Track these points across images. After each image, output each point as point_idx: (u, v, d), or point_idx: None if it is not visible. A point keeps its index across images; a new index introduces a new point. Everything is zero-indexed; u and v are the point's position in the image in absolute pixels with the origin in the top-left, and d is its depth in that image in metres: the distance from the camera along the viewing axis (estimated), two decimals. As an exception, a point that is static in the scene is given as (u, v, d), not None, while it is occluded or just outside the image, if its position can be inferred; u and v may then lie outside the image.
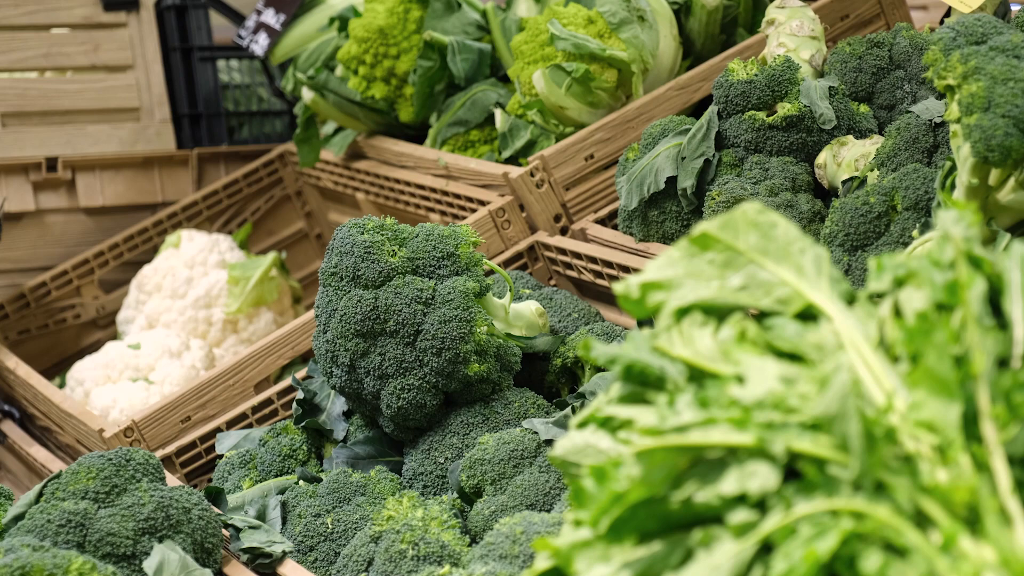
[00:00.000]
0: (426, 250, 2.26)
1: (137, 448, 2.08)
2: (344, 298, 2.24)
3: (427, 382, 2.22)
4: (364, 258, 2.23)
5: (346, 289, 2.24)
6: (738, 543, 1.03)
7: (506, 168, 2.85)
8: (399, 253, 2.26)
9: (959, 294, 1.06)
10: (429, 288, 2.22)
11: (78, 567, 1.67)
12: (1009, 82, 1.74)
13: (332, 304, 2.26)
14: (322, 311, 2.29)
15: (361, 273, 2.23)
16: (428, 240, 2.27)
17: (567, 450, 1.20)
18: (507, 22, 3.17)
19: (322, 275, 2.29)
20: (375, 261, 2.23)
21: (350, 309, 2.22)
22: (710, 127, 2.46)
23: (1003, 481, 1.00)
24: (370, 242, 2.24)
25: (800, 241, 1.16)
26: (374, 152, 3.37)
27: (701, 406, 1.06)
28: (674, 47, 2.91)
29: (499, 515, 2.02)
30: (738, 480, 1.03)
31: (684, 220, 2.49)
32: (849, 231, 2.15)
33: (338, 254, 2.26)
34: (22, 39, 3.52)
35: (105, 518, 1.86)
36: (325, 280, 2.28)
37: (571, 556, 1.10)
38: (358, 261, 2.23)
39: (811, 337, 1.10)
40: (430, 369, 2.20)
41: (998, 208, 1.87)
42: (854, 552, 0.99)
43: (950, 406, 1.03)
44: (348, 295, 2.23)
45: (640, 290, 1.16)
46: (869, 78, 2.50)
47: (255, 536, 2.10)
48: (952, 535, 0.98)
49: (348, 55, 3.27)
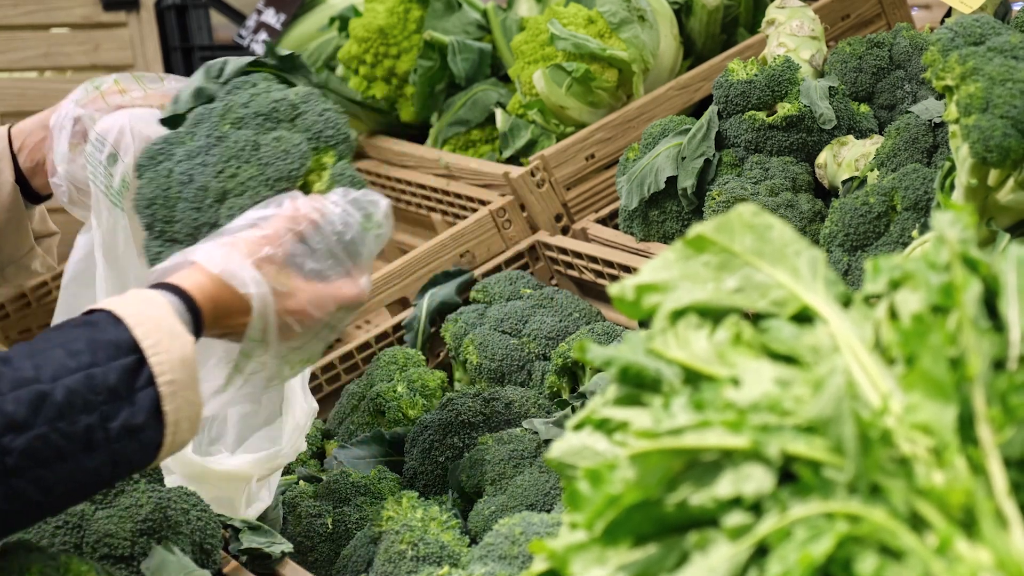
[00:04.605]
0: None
1: (136, 449, 2.07)
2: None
3: None
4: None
5: None
6: (733, 546, 1.02)
7: (507, 168, 2.85)
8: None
9: (955, 296, 1.06)
10: None
11: (76, 569, 1.67)
12: (1007, 83, 1.74)
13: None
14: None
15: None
16: None
17: (564, 452, 1.20)
18: (507, 22, 3.18)
19: None
20: None
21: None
22: (710, 127, 2.46)
23: (999, 483, 1.00)
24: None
25: (796, 243, 1.16)
26: (375, 152, 3.37)
27: (696, 408, 1.06)
28: (675, 47, 2.91)
29: (499, 515, 2.02)
30: (733, 483, 1.03)
31: (684, 220, 2.49)
32: (849, 231, 2.15)
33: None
34: (22, 39, 3.53)
35: (103, 519, 1.86)
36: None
37: (567, 558, 1.10)
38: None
39: (806, 339, 1.10)
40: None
41: (997, 208, 1.87)
42: (849, 555, 0.99)
43: (946, 408, 1.02)
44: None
45: (635, 292, 1.16)
46: (869, 78, 2.50)
47: (255, 536, 2.10)
48: (948, 537, 0.97)
49: (349, 55, 3.28)
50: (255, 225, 1.79)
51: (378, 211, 1.86)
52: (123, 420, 1.56)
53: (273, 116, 1.89)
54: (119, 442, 1.56)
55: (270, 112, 1.90)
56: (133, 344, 1.59)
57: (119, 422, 1.56)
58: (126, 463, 1.60)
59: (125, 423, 1.56)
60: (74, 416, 1.54)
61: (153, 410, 1.58)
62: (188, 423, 1.62)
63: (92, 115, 2.02)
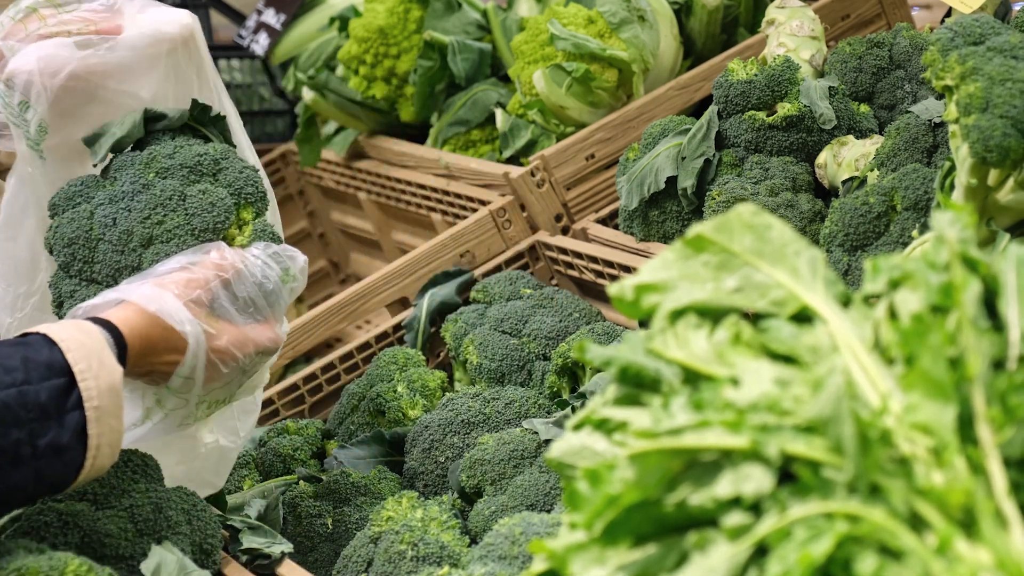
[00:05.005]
0: None
1: (135, 449, 2.07)
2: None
3: None
4: None
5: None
6: (733, 546, 1.02)
7: (507, 168, 2.85)
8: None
9: (954, 296, 1.06)
10: None
11: (75, 569, 1.67)
12: (1007, 83, 1.74)
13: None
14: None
15: None
16: None
17: (563, 452, 1.20)
18: (508, 22, 3.18)
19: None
20: None
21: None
22: (710, 127, 2.46)
23: (999, 483, 1.00)
24: None
25: (795, 243, 1.16)
26: (375, 152, 3.37)
27: (695, 408, 1.06)
28: (675, 47, 2.91)
29: (499, 515, 2.02)
30: (732, 483, 1.03)
31: (685, 220, 2.49)
32: (849, 231, 2.15)
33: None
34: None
35: (103, 520, 1.86)
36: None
37: (567, 559, 1.10)
38: None
39: (806, 339, 1.10)
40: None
41: (997, 208, 1.86)
42: (849, 555, 0.99)
43: (945, 408, 1.02)
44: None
45: (634, 292, 1.16)
46: (869, 78, 2.50)
47: (254, 537, 2.09)
48: (947, 537, 0.97)
49: (348, 55, 3.27)
50: (184, 269, 1.87)
51: (295, 265, 1.96)
52: (50, 438, 1.62)
53: (197, 169, 1.98)
54: (44, 459, 1.62)
55: (194, 165, 1.98)
56: (65, 367, 1.65)
57: (46, 440, 1.62)
58: (48, 481, 1.66)
59: (52, 441, 1.62)
60: (5, 429, 1.59)
61: (78, 432, 1.64)
62: (109, 449, 1.68)
63: (13, 46, 2.01)
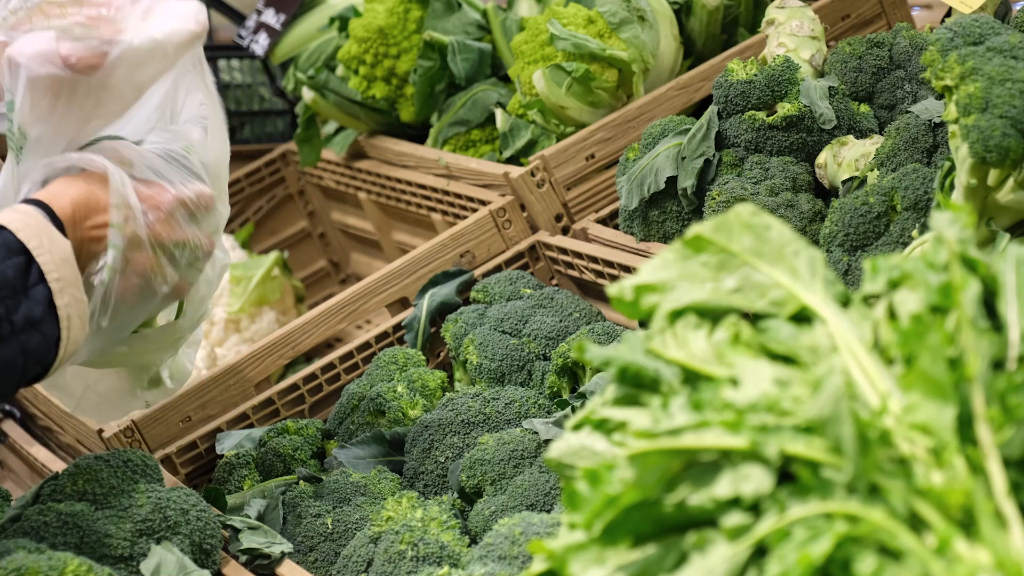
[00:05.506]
0: None
1: (135, 449, 2.08)
2: None
3: None
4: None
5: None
6: (732, 546, 1.03)
7: (507, 168, 2.85)
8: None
9: (953, 296, 1.06)
10: None
11: (74, 569, 1.67)
12: (1007, 83, 1.74)
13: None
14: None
15: None
16: None
17: (563, 452, 1.20)
18: (508, 22, 3.17)
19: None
20: None
21: None
22: (710, 127, 2.46)
23: (998, 483, 1.00)
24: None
25: (794, 243, 1.16)
26: (375, 152, 3.37)
27: (694, 409, 1.06)
28: (675, 47, 2.91)
29: (499, 515, 2.02)
30: (732, 483, 1.03)
31: (685, 220, 2.49)
32: (849, 231, 2.15)
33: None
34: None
35: (102, 520, 1.86)
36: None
37: (566, 559, 1.10)
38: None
39: (805, 339, 1.10)
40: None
41: (997, 208, 1.86)
42: (848, 555, 0.99)
43: (945, 408, 1.02)
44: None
45: (633, 292, 1.16)
46: (869, 78, 2.50)
47: (254, 537, 2.10)
48: (947, 538, 0.97)
49: (348, 55, 3.27)
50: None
51: (191, 138, 1.93)
52: (24, 313, 1.68)
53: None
54: (24, 333, 1.68)
55: None
56: (20, 246, 1.69)
57: (21, 314, 1.67)
58: (34, 356, 1.70)
59: (27, 315, 1.68)
60: None
61: (47, 304, 1.70)
62: (79, 320, 1.73)
63: (13, 38, 2.00)
